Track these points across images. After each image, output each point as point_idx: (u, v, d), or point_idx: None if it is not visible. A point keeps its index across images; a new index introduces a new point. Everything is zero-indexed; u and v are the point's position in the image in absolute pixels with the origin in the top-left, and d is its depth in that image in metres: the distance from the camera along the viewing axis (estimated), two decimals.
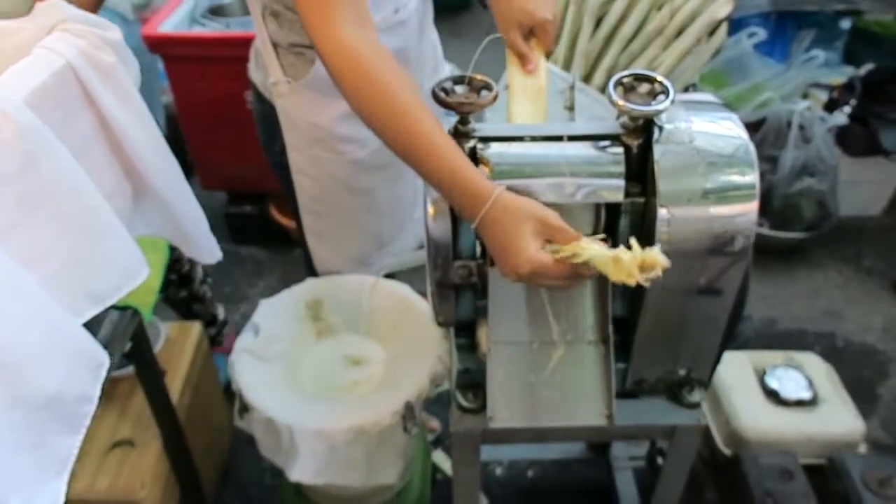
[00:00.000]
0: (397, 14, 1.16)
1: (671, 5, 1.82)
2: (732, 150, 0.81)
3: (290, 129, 1.23)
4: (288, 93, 1.18)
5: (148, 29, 2.05)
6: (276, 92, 1.20)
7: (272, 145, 1.34)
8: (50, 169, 0.61)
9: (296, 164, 1.28)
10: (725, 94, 2.52)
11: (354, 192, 1.30)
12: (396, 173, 1.32)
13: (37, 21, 0.69)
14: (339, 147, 1.22)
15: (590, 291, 0.88)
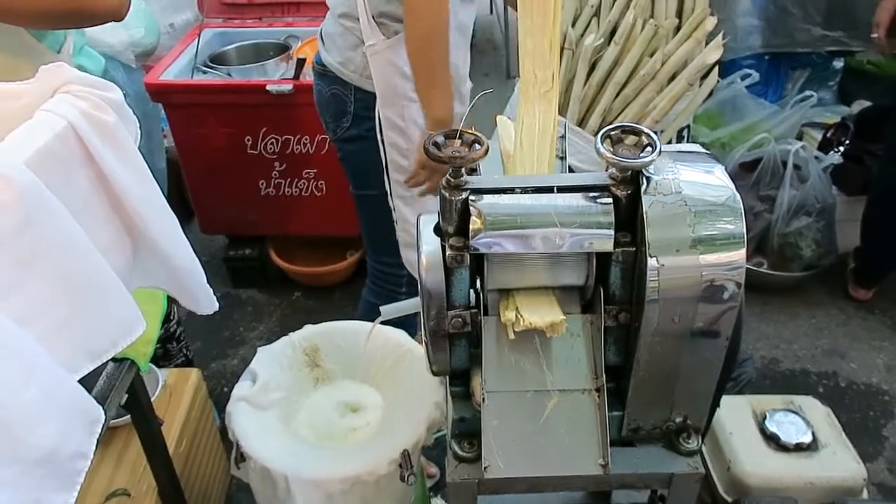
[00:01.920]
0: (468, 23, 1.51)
1: (663, 51, 1.86)
2: (719, 199, 0.82)
3: (383, 84, 1.44)
4: (383, 50, 1.40)
5: (150, 77, 2.09)
6: (371, 52, 1.42)
7: (341, 122, 1.53)
8: (49, 229, 0.62)
9: (387, 119, 1.47)
10: (720, 134, 2.56)
11: None
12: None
13: (41, 83, 0.71)
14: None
15: (583, 340, 0.88)
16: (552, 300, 0.86)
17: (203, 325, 2.27)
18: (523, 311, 0.82)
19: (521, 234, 0.81)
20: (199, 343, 2.24)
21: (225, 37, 2.35)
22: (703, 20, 1.81)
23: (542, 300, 0.86)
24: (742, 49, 2.76)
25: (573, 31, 1.95)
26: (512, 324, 0.82)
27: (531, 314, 0.83)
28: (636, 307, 0.84)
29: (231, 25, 2.38)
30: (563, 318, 0.82)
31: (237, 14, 2.39)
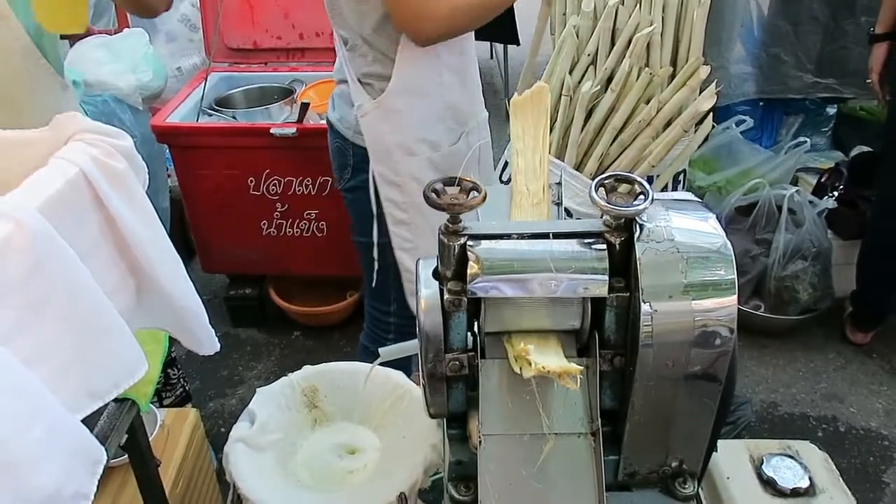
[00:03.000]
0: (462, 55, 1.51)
1: (658, 98, 1.90)
2: (711, 247, 0.84)
3: (376, 142, 1.48)
4: (372, 109, 1.44)
5: (157, 119, 2.14)
6: (361, 113, 1.46)
7: (343, 173, 1.60)
8: (58, 273, 0.64)
9: (381, 176, 1.51)
10: (716, 179, 2.60)
11: None
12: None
13: (54, 132, 0.74)
14: (415, 148, 1.48)
15: (579, 384, 0.89)
16: (559, 347, 0.87)
17: (202, 364, 2.28)
18: (535, 356, 0.83)
19: (517, 279, 0.83)
20: (197, 382, 2.24)
21: (231, 81, 2.41)
22: (697, 69, 1.86)
23: (550, 345, 0.87)
24: (736, 95, 2.83)
25: (571, 78, 2.00)
26: (522, 368, 0.82)
27: (544, 359, 0.83)
28: (630, 352, 0.85)
29: (237, 70, 2.44)
30: (580, 368, 0.83)
31: (243, 59, 2.45)
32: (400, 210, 1.54)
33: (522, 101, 1.01)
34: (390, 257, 1.62)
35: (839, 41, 2.68)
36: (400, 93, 1.42)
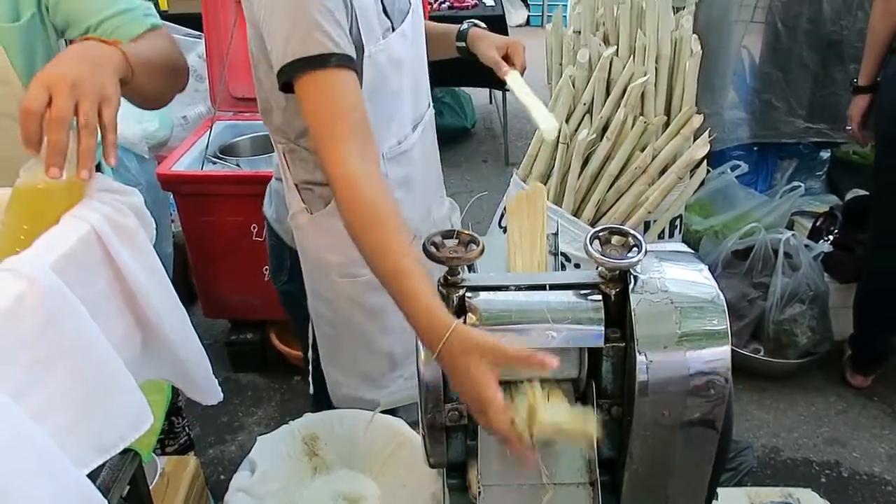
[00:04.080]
0: (400, 145, 1.28)
1: (653, 146, 1.95)
2: (703, 297, 0.86)
3: (307, 256, 1.32)
4: (306, 223, 1.28)
5: (162, 168, 2.18)
6: (295, 223, 1.29)
7: (279, 274, 1.45)
8: (69, 329, 0.66)
9: (312, 290, 1.36)
10: (712, 223, 2.63)
11: (368, 314, 1.36)
12: None
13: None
14: (356, 270, 1.29)
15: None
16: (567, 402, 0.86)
17: (202, 410, 2.27)
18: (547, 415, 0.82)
19: (515, 330, 0.85)
20: (197, 428, 2.23)
21: (235, 129, 2.46)
22: (690, 118, 1.91)
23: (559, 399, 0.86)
24: (730, 140, 2.88)
25: (567, 126, 2.05)
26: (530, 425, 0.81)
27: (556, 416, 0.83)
28: (627, 401, 0.87)
29: (241, 118, 2.49)
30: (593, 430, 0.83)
31: (247, 108, 2.50)
32: (328, 325, 1.38)
33: (518, 201, 1.01)
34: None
35: (829, 88, 2.75)
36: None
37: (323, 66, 1.00)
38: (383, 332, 1.39)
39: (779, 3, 2.56)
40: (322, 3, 1.00)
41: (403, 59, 1.20)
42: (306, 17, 0.99)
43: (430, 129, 1.39)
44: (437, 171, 1.48)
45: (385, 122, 1.22)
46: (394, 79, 1.19)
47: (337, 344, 1.41)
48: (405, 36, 1.21)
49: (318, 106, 1.01)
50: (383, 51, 1.15)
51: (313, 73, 1.00)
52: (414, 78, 1.27)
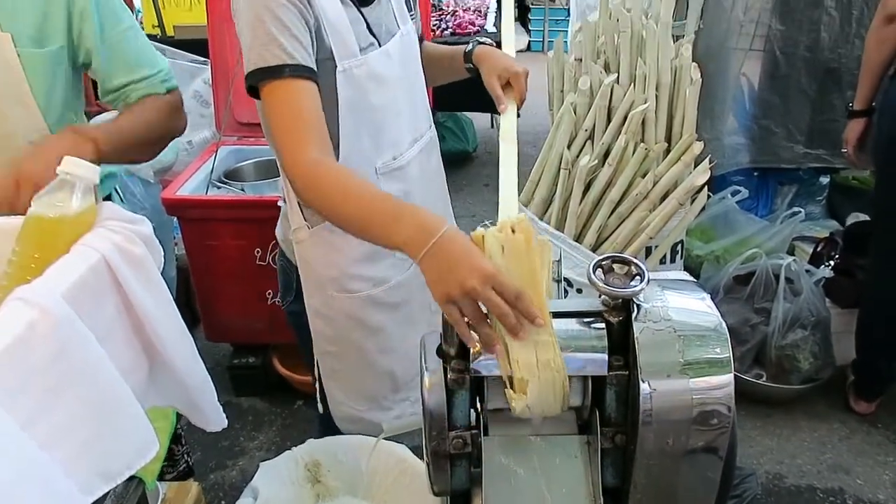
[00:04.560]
0: (395, 160, 1.31)
1: (654, 172, 1.97)
2: (706, 326, 0.87)
3: (307, 271, 1.35)
4: (307, 237, 1.32)
5: (167, 192, 2.20)
6: (296, 238, 1.33)
7: (287, 294, 1.47)
8: (78, 357, 0.67)
9: (312, 307, 1.38)
10: (714, 248, 2.64)
11: (367, 331, 1.38)
12: (409, 315, 1.42)
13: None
14: (351, 286, 1.33)
15: (581, 461, 0.90)
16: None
17: (202, 435, 2.24)
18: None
19: None
20: (198, 453, 2.22)
21: (240, 154, 2.48)
22: (691, 145, 1.93)
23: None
24: (730, 165, 2.90)
25: (569, 152, 2.07)
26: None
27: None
28: (631, 429, 0.87)
29: (246, 143, 2.52)
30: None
31: (252, 133, 2.52)
32: (328, 342, 1.40)
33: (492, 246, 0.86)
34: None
35: (827, 114, 2.77)
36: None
37: (279, 75, 1.09)
38: (383, 351, 1.40)
39: (777, 32, 2.60)
40: (279, 20, 1.09)
41: (386, 76, 1.25)
42: (265, 32, 1.08)
43: (432, 150, 1.43)
44: (441, 194, 1.50)
45: (373, 135, 1.26)
46: (376, 94, 1.24)
47: (337, 362, 1.43)
48: (389, 55, 1.25)
49: (275, 110, 1.11)
50: (361, 66, 1.20)
51: (271, 82, 1.09)
52: (408, 97, 1.32)
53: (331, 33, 1.16)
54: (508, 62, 1.29)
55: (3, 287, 0.77)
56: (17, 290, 0.65)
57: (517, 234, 0.86)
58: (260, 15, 1.09)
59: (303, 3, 1.12)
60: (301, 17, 1.11)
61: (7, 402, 0.59)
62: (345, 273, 1.32)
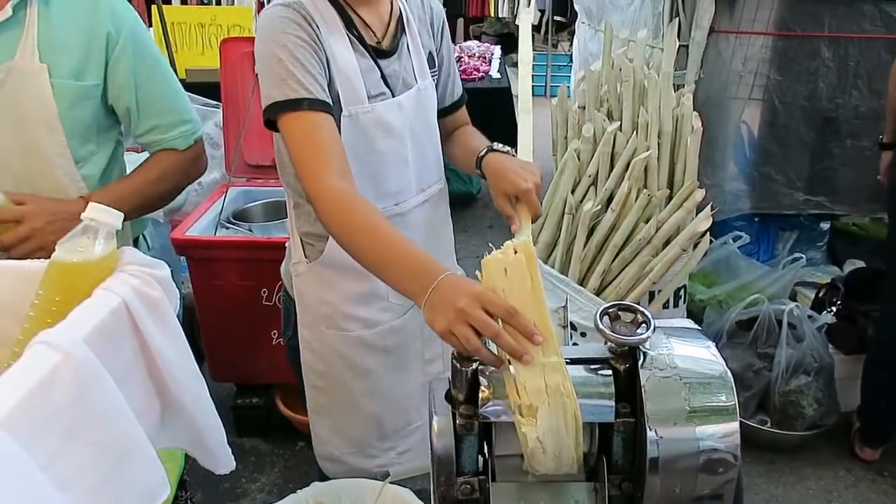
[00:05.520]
0: (397, 206, 1.33)
1: (657, 218, 2.00)
2: (711, 374, 0.88)
3: (303, 305, 1.38)
4: (305, 272, 1.34)
5: (177, 233, 2.22)
6: (295, 271, 1.36)
7: (287, 329, 1.49)
8: (97, 401, 0.68)
9: (304, 339, 1.40)
10: (716, 293, 2.66)
11: (357, 372, 1.38)
12: (401, 361, 1.41)
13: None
14: (344, 324, 1.35)
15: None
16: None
17: (203, 475, 2.23)
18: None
19: None
20: (199, 494, 2.19)
21: (248, 195, 2.52)
22: (693, 192, 1.97)
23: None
24: (731, 210, 2.93)
25: (573, 197, 2.11)
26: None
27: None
28: (638, 477, 0.87)
29: (254, 185, 2.56)
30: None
31: (261, 174, 2.57)
32: (317, 377, 1.41)
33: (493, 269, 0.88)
34: None
35: (826, 162, 2.81)
36: (336, 261, 1.26)
37: (296, 108, 1.14)
38: (371, 394, 1.40)
39: (775, 82, 2.66)
40: (295, 57, 1.14)
41: (395, 125, 1.27)
42: (283, 69, 1.13)
43: (440, 202, 1.44)
44: (445, 246, 1.50)
45: (376, 180, 1.28)
46: (383, 141, 1.26)
47: (324, 398, 1.43)
48: (401, 106, 1.28)
49: (295, 140, 1.15)
50: (369, 113, 1.23)
51: (289, 114, 1.14)
52: (418, 148, 1.33)
53: (338, 78, 1.20)
54: (517, 178, 1.18)
55: (26, 329, 0.79)
56: (41, 334, 0.67)
57: (518, 255, 0.87)
58: (276, 52, 1.14)
59: (316, 42, 1.17)
60: (315, 56, 1.16)
61: (29, 444, 0.60)
62: (338, 311, 1.34)
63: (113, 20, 1.28)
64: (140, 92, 1.33)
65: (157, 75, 1.37)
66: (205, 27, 3.61)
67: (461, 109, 1.49)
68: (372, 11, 1.26)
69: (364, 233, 1.05)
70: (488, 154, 1.28)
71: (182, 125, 1.40)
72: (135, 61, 1.31)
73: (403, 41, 1.30)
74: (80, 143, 1.32)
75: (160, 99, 1.37)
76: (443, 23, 1.41)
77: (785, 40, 2.60)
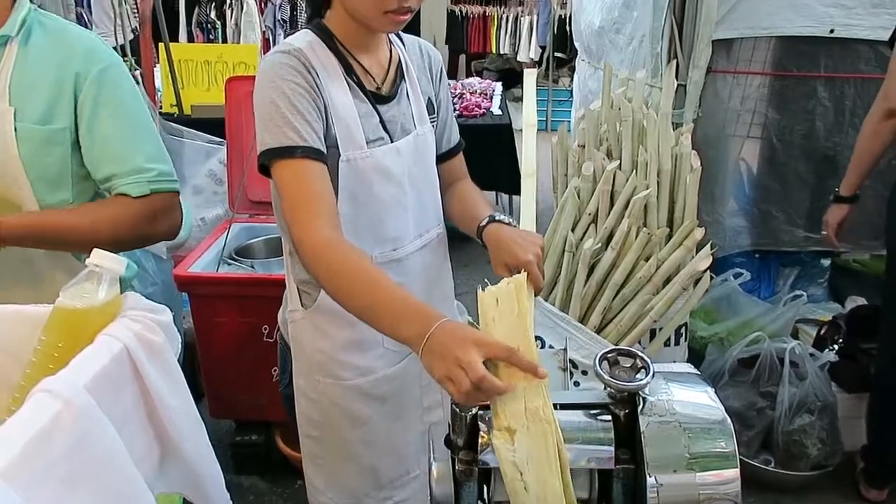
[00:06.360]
0: (395, 251, 1.32)
1: (657, 257, 2.01)
2: (711, 420, 0.88)
3: (298, 353, 1.36)
4: (300, 319, 1.33)
5: (180, 269, 2.23)
6: (291, 318, 1.35)
7: (283, 376, 1.48)
8: (97, 447, 0.68)
9: (299, 387, 1.39)
10: (718, 329, 2.65)
11: (352, 421, 1.36)
12: (397, 410, 1.39)
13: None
14: (340, 373, 1.33)
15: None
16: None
17: None
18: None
19: None
20: None
21: (251, 231, 2.54)
22: (692, 230, 1.98)
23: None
24: (731, 247, 2.94)
25: (573, 235, 2.12)
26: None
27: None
28: None
29: (257, 221, 2.57)
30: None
31: (263, 210, 2.59)
32: (311, 426, 1.39)
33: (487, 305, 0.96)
34: None
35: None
36: (330, 308, 1.22)
37: (290, 155, 1.14)
38: (367, 444, 1.38)
39: (773, 121, 2.69)
40: (293, 105, 1.15)
41: (394, 171, 1.27)
42: (279, 115, 1.14)
43: (438, 246, 1.43)
44: (444, 291, 1.49)
45: (374, 225, 1.28)
46: (380, 186, 1.26)
47: (319, 448, 1.41)
48: (399, 152, 1.28)
49: (286, 186, 1.15)
50: (367, 158, 1.24)
51: (283, 161, 1.15)
52: (417, 194, 1.33)
53: (337, 124, 1.21)
54: (518, 250, 1.17)
55: (28, 375, 0.79)
56: (42, 382, 0.68)
57: (510, 286, 0.94)
58: (275, 99, 1.15)
59: (315, 90, 1.18)
60: (313, 103, 1.17)
61: (28, 494, 0.60)
62: (332, 359, 1.32)
63: (86, 61, 1.23)
64: (98, 136, 1.25)
65: (117, 119, 1.26)
66: (211, 64, 3.67)
67: (458, 156, 1.48)
68: (372, 58, 1.28)
69: (353, 279, 1.05)
70: (489, 224, 1.28)
71: (138, 172, 1.26)
72: (94, 104, 1.24)
73: (403, 87, 1.31)
74: (48, 191, 1.25)
75: (115, 144, 1.26)
76: (441, 69, 1.42)
77: (781, 80, 2.64)
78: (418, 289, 1.37)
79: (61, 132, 1.24)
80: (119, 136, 1.27)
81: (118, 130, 1.27)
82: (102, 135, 1.25)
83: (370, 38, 1.26)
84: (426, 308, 0.98)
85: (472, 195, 1.44)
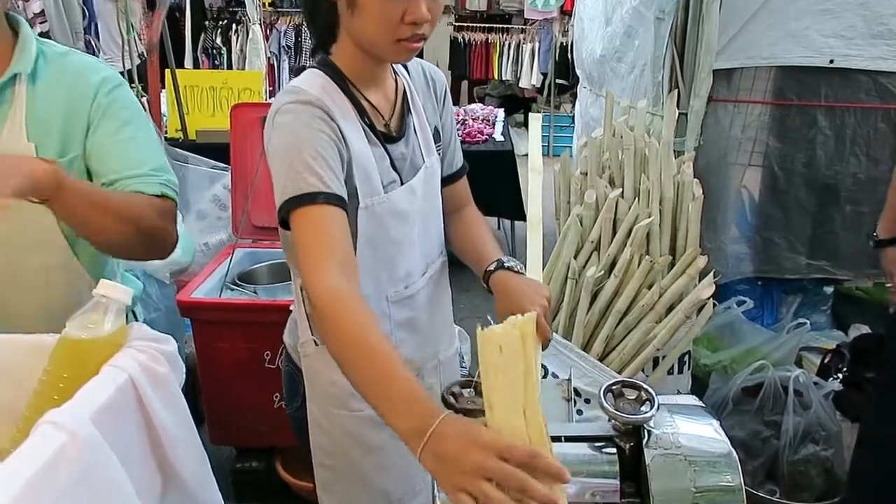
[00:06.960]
0: (407, 289, 1.32)
1: (660, 285, 2.01)
2: (716, 453, 0.88)
3: (312, 385, 1.36)
4: (313, 353, 1.32)
5: (183, 295, 2.24)
6: (304, 352, 1.34)
7: (293, 401, 1.47)
8: (101, 479, 0.68)
9: (313, 418, 1.38)
10: (721, 357, 2.64)
11: (366, 449, 1.36)
12: None
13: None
14: (353, 404, 1.32)
15: None
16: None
17: None
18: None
19: None
20: None
21: (254, 256, 2.55)
22: (695, 259, 1.99)
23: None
24: (734, 274, 2.93)
25: (575, 262, 2.12)
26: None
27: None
28: None
29: (260, 246, 2.58)
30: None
31: (267, 236, 2.60)
32: (325, 455, 1.39)
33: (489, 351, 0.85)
34: None
35: (827, 227, 2.83)
36: None
37: (312, 202, 1.09)
38: (380, 469, 1.38)
39: (774, 149, 2.70)
40: (315, 150, 1.11)
41: (408, 211, 1.26)
42: (300, 161, 1.10)
43: (441, 276, 1.43)
44: (445, 317, 1.49)
45: (389, 268, 1.27)
46: (396, 229, 1.25)
47: (333, 476, 1.40)
48: (413, 191, 1.27)
49: (305, 235, 1.09)
50: (385, 203, 1.22)
51: (304, 209, 1.10)
52: (424, 228, 1.32)
53: (357, 172, 1.18)
54: (524, 301, 1.15)
55: (32, 406, 0.79)
56: (48, 414, 0.68)
57: (515, 332, 0.83)
58: (298, 146, 1.11)
59: (339, 139, 1.15)
60: (337, 151, 1.14)
61: None
62: (347, 392, 1.29)
63: (93, 86, 1.24)
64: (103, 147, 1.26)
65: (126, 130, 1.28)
66: (216, 90, 3.71)
67: (462, 180, 1.48)
68: (379, 92, 1.27)
69: (356, 347, 0.97)
70: (497, 271, 1.26)
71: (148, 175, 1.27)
72: (102, 117, 1.25)
73: (410, 121, 1.30)
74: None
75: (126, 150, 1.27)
76: (445, 91, 1.41)
77: (782, 109, 2.66)
78: (425, 322, 1.38)
79: (75, 160, 1.25)
80: (129, 145, 1.28)
81: (128, 141, 1.28)
82: (115, 140, 1.26)
83: (378, 71, 1.26)
84: (424, 397, 0.88)
85: (478, 230, 1.42)
